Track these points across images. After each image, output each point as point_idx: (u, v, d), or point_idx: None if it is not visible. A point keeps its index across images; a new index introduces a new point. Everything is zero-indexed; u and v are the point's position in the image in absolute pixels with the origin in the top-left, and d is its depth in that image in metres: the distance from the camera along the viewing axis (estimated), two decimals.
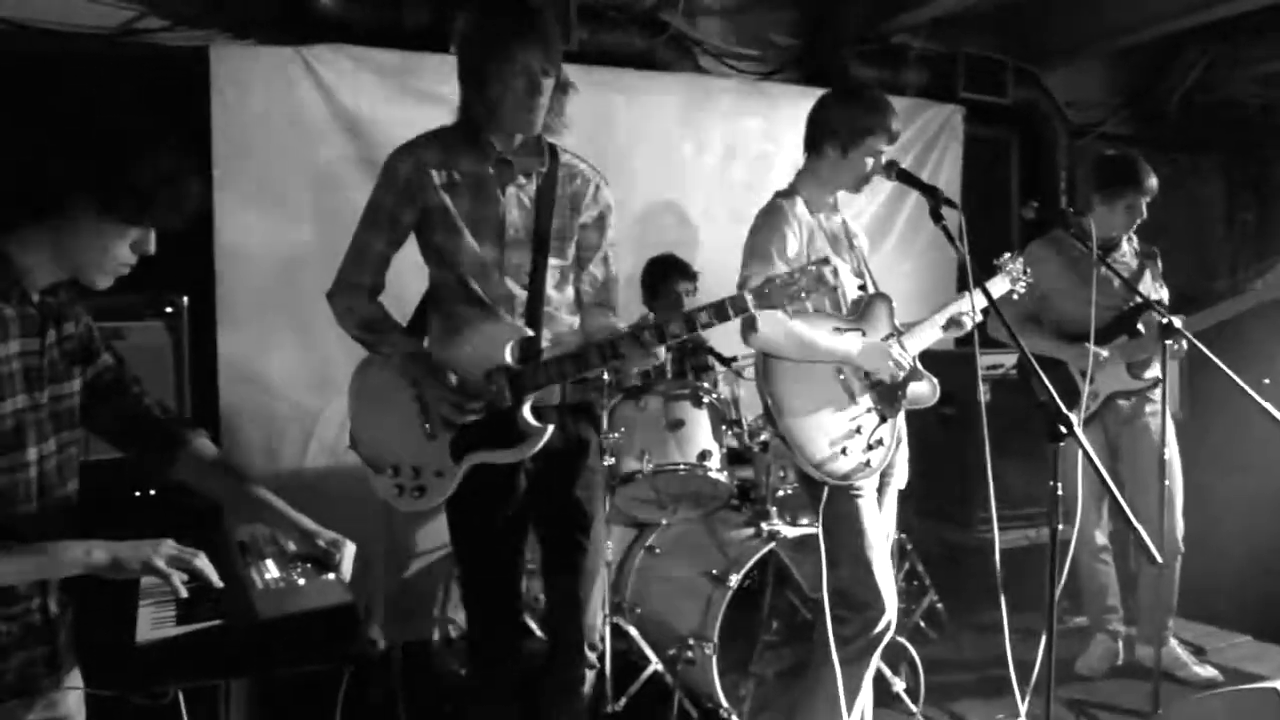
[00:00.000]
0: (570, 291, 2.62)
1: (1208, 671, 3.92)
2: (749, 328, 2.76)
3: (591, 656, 2.69)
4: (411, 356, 2.47)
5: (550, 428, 2.44)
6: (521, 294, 2.51)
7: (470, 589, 2.67)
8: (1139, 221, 3.85)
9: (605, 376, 3.41)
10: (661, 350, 2.40)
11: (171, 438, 1.99)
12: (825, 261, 2.39)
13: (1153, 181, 3.79)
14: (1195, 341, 3.14)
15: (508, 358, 2.42)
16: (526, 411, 2.42)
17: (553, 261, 2.54)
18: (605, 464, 3.32)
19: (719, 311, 2.37)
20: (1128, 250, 3.94)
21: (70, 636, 1.81)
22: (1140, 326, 3.77)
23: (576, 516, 2.64)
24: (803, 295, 2.36)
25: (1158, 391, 3.78)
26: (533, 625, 3.61)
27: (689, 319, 2.35)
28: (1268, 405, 2.87)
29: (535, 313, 2.51)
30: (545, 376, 2.41)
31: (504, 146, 2.48)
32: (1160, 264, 3.99)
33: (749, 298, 2.36)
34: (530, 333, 2.46)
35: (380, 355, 2.53)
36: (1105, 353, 3.73)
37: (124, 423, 1.94)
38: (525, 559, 2.72)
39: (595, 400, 2.84)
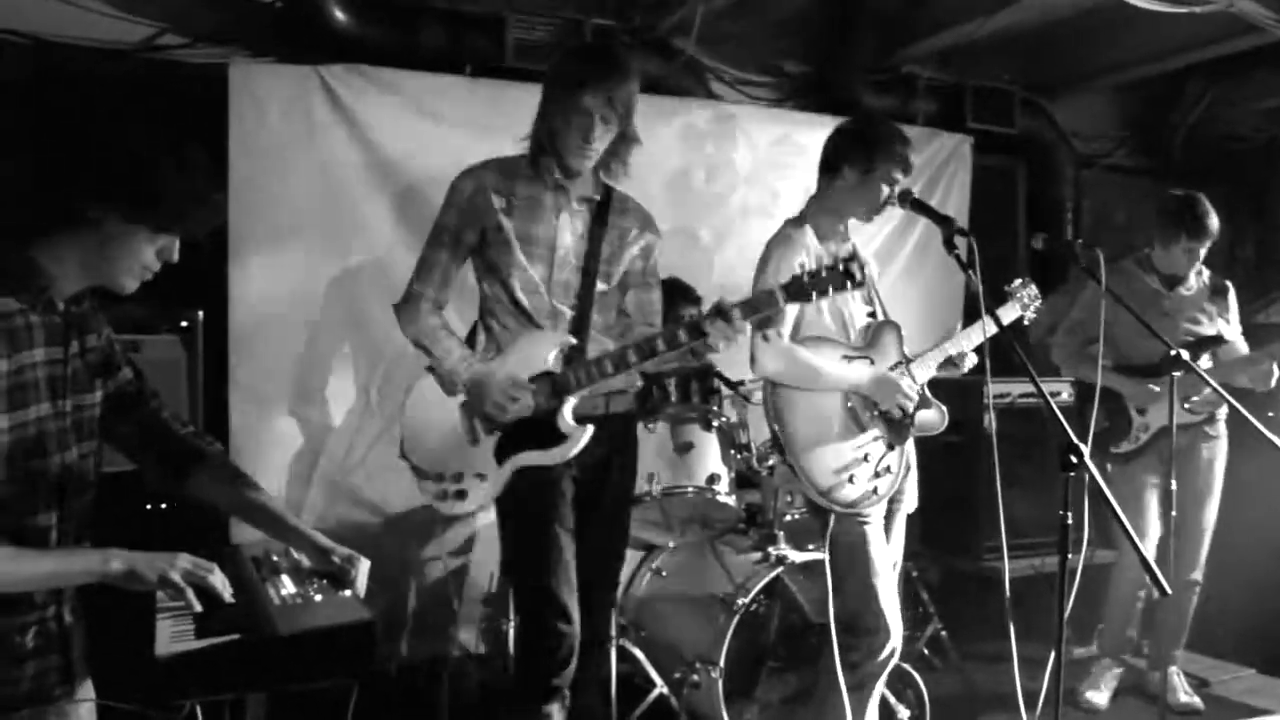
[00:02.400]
0: (611, 315, 2.76)
1: (1190, 699, 3.96)
2: (759, 356, 2.79)
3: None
4: (465, 359, 2.61)
5: (590, 429, 2.55)
6: (568, 312, 2.65)
7: (523, 589, 2.75)
8: (1199, 262, 3.86)
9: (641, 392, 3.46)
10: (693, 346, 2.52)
11: (189, 452, 1.99)
12: (853, 258, 2.45)
13: (1211, 224, 3.76)
14: (1203, 375, 3.15)
15: (552, 363, 2.55)
16: (567, 413, 2.54)
17: (599, 286, 2.68)
18: None
19: (749, 307, 2.47)
20: (1195, 284, 3.95)
21: (84, 647, 1.82)
22: (1205, 360, 3.77)
23: (616, 528, 2.81)
24: (830, 290, 2.44)
25: (1213, 426, 3.89)
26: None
27: (722, 310, 2.45)
28: (1275, 438, 2.90)
29: (581, 329, 2.65)
30: (586, 377, 2.52)
31: (561, 175, 2.64)
32: (1233, 297, 3.99)
33: (779, 292, 2.45)
34: (575, 341, 2.60)
35: (432, 361, 2.66)
36: (1157, 388, 3.79)
37: (142, 436, 1.95)
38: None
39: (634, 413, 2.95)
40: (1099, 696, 4.00)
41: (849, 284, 2.45)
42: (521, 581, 2.75)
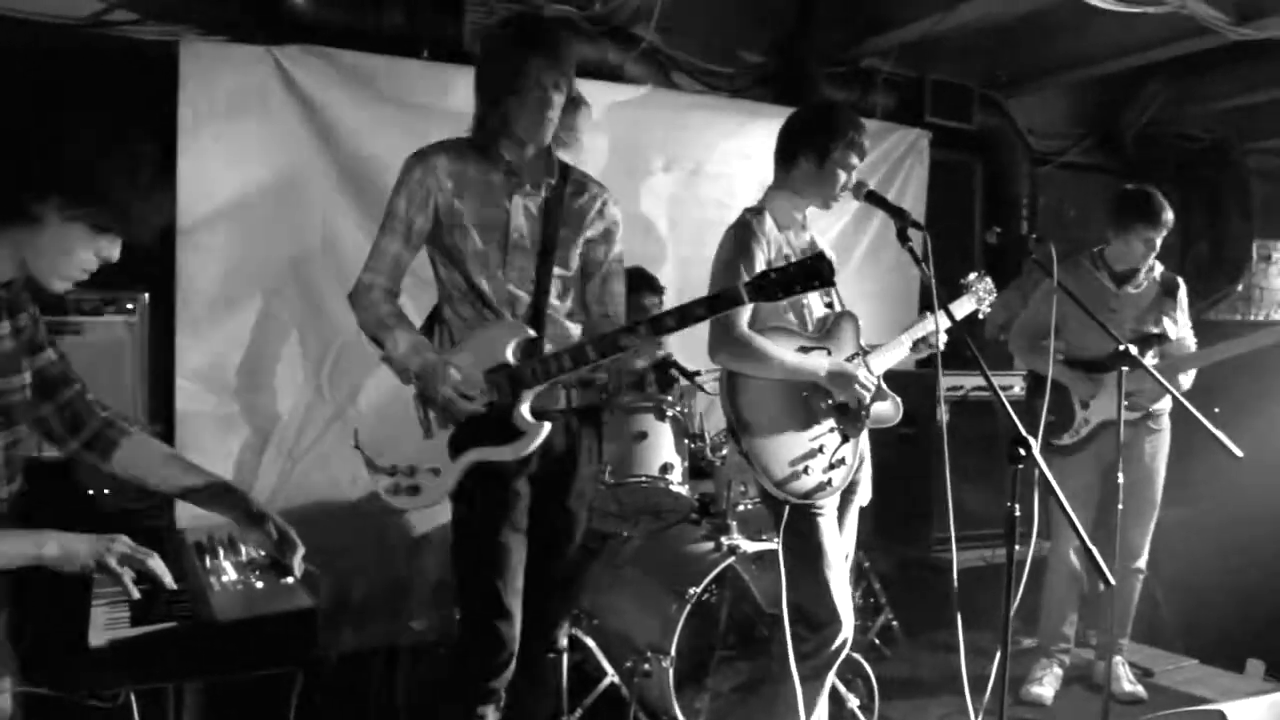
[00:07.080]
0: (571, 302, 2.69)
1: (1134, 688, 4.02)
2: (716, 345, 2.77)
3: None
4: (416, 349, 2.50)
5: (547, 426, 2.47)
6: (525, 297, 2.58)
7: (468, 589, 2.67)
8: (1154, 254, 3.90)
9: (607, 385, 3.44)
10: (659, 342, 2.45)
11: (112, 430, 1.93)
12: (820, 256, 2.41)
13: (1167, 215, 3.82)
14: (1151, 370, 3.22)
15: (509, 356, 2.47)
16: (524, 409, 2.46)
17: (556, 270, 2.61)
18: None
19: (713, 304, 2.41)
20: (1145, 281, 3.98)
21: (5, 634, 1.77)
22: (1150, 357, 3.81)
23: (566, 526, 2.72)
24: (797, 288, 2.39)
25: (1155, 420, 3.97)
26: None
27: (684, 312, 2.41)
28: (1218, 432, 2.95)
29: (538, 317, 2.58)
30: (544, 372, 2.45)
31: (514, 157, 2.57)
32: (1183, 294, 4.03)
33: (743, 289, 2.39)
34: (533, 333, 2.52)
35: (384, 352, 2.55)
36: (1099, 387, 3.84)
37: (65, 418, 1.88)
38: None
39: (600, 406, 2.88)
40: (1041, 690, 4.03)
41: (817, 283, 2.37)
42: (466, 579, 2.66)
